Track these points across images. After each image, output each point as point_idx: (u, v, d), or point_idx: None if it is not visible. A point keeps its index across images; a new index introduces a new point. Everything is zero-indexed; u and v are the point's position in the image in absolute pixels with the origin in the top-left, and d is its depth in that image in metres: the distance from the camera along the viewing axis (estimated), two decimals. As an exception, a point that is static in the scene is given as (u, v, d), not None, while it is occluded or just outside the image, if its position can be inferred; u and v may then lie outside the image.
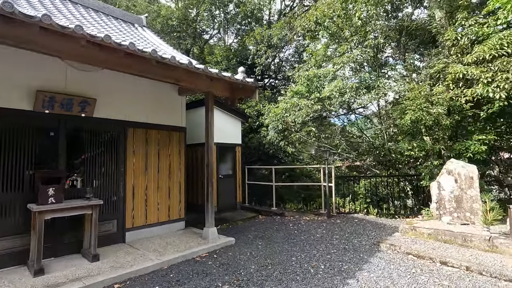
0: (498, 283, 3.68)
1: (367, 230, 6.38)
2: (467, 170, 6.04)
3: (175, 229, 6.33)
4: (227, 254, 5.04)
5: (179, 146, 6.57)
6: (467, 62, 5.87)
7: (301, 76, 8.38)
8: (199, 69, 4.68)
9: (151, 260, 4.50)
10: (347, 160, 9.73)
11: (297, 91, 8.36)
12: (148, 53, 3.95)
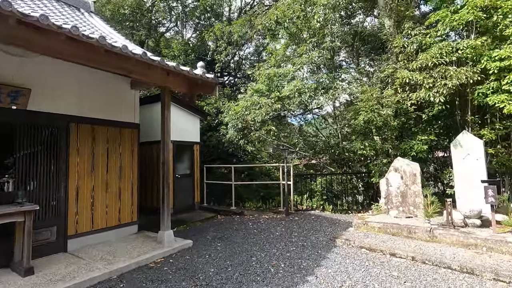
0: (438, 270, 4.04)
1: (324, 226, 6.60)
2: (411, 167, 6.57)
3: (127, 233, 5.86)
4: (184, 257, 4.80)
5: (131, 144, 6.09)
6: (412, 68, 6.40)
7: (261, 74, 8.38)
8: (155, 61, 4.35)
9: (98, 269, 4.08)
10: (305, 158, 10.02)
11: (257, 89, 8.34)
12: (95, 39, 3.54)
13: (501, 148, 6.26)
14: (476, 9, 5.65)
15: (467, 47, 5.73)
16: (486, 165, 5.80)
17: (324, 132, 11.64)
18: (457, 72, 5.73)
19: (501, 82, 5.44)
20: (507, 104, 5.25)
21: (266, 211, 8.56)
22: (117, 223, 5.70)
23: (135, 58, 4.15)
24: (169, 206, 5.49)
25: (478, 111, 6.63)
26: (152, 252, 4.81)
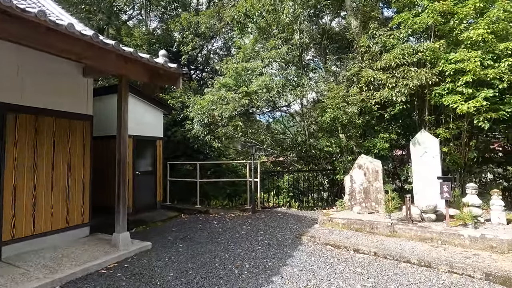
0: (399, 264, 4.13)
1: (290, 224, 6.55)
2: (374, 164, 6.76)
3: (77, 236, 5.30)
4: (141, 261, 4.43)
5: (83, 137, 5.51)
6: (377, 68, 6.56)
7: (229, 68, 8.11)
8: (108, 45, 3.90)
9: (38, 279, 3.58)
10: (272, 155, 9.96)
11: (224, 83, 8.06)
12: (33, 14, 3.04)
13: (454, 146, 6.67)
14: (435, 13, 5.92)
15: (427, 49, 5.99)
16: (441, 163, 6.13)
17: (292, 130, 11.70)
18: (418, 73, 5.97)
19: (455, 83, 5.76)
20: (460, 105, 5.55)
21: (232, 209, 8.35)
22: (65, 226, 5.12)
23: (84, 40, 3.68)
24: (126, 206, 5.05)
25: (434, 111, 7.00)
26: (104, 257, 4.37)
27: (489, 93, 5.30)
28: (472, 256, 4.19)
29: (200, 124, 8.27)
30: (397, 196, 5.84)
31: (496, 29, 5.55)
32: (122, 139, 5.01)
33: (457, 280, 3.65)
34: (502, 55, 5.49)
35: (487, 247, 4.43)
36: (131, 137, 7.83)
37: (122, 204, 4.93)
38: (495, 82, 5.43)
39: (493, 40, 5.48)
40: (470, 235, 4.59)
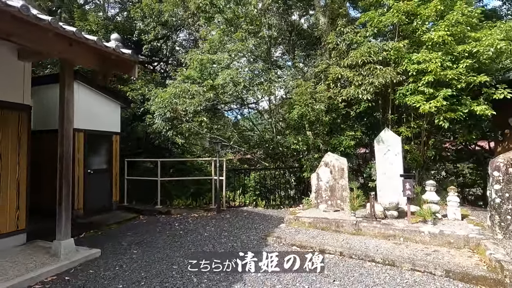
0: (364, 264, 4.07)
1: (256, 223, 6.31)
2: (340, 162, 6.75)
3: (10, 245, 4.57)
4: (87, 272, 3.89)
5: (18, 130, 4.76)
6: (344, 65, 6.54)
7: (193, 59, 7.63)
8: (43, 21, 3.31)
9: None
10: (239, 152, 9.66)
11: (188, 75, 7.57)
12: None
13: (414, 145, 6.87)
14: (400, 13, 6.01)
15: (392, 48, 6.07)
16: (403, 161, 6.28)
17: (260, 128, 11.50)
18: (383, 72, 6.02)
19: (417, 83, 5.89)
20: (422, 104, 5.69)
21: (196, 209, 7.92)
22: (-6, 233, 4.38)
23: (11, 14, 3.06)
24: (69, 208, 4.44)
25: (397, 110, 7.17)
26: (40, 269, 3.76)
27: (447, 92, 5.48)
28: (432, 252, 4.26)
29: (162, 118, 7.70)
30: (362, 194, 5.86)
31: (455, 32, 5.76)
32: (65, 132, 4.38)
33: (420, 278, 3.64)
34: (460, 57, 5.71)
35: (445, 243, 4.54)
36: (82, 131, 7.06)
37: (64, 207, 4.32)
38: (453, 82, 5.63)
39: (452, 42, 5.68)
40: (430, 232, 4.69)
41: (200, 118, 7.46)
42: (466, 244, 4.43)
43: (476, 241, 4.36)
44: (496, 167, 4.57)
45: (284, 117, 7.97)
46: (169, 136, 7.95)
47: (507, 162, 4.50)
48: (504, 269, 3.43)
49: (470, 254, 4.19)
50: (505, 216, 4.48)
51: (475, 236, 4.41)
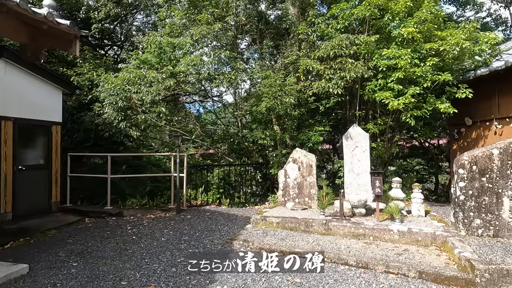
0: (337, 268, 3.81)
1: (220, 225, 5.81)
2: (308, 158, 6.52)
3: None
4: (5, 297, 3.08)
5: None
6: (315, 57, 6.27)
7: (151, 42, 6.78)
8: None
9: None
10: (202, 147, 9.01)
11: (145, 60, 6.71)
12: None
13: (380, 142, 6.89)
14: (372, 6, 5.88)
15: (363, 42, 5.93)
16: (370, 157, 6.23)
17: (224, 122, 10.94)
18: (354, 66, 5.85)
19: (387, 80, 5.83)
20: (391, 101, 5.63)
21: (152, 209, 7.17)
22: None
23: None
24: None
25: (364, 106, 7.13)
26: None
27: (416, 90, 5.48)
28: (403, 252, 4.16)
29: (113, 107, 6.76)
30: (331, 191, 5.67)
31: (422, 29, 5.79)
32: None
33: (395, 281, 3.48)
34: (427, 55, 5.75)
35: (414, 241, 4.50)
36: (10, 119, 5.92)
37: (-24, 215, 3.40)
38: (420, 80, 5.66)
39: (420, 40, 5.70)
40: (399, 230, 4.62)
41: (158, 108, 6.68)
42: (433, 242, 4.42)
43: (443, 238, 4.37)
44: (461, 165, 4.62)
45: (251, 111, 7.52)
46: (121, 128, 7.02)
47: (471, 160, 4.57)
48: (475, 269, 3.38)
49: (438, 252, 4.16)
50: (468, 213, 4.55)
51: (442, 234, 4.42)
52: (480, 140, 6.50)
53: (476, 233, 4.50)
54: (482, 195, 4.50)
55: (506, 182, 4.41)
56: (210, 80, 6.94)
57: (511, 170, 4.40)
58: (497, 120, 6.04)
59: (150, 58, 6.66)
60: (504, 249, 3.93)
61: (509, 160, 4.42)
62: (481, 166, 4.52)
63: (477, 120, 6.52)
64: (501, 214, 4.42)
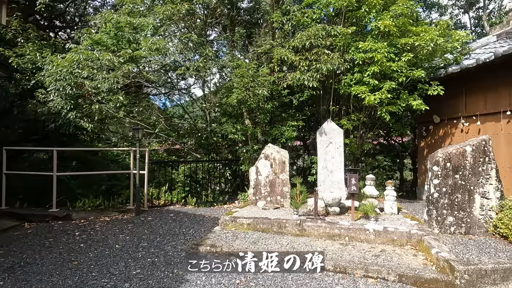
0: (314, 274, 3.49)
1: (184, 227, 5.26)
2: (281, 155, 6.19)
3: None
4: None
5: None
6: (290, 47, 5.90)
7: (107, 19, 5.92)
8: None
9: None
10: (166, 142, 8.29)
11: (99, 40, 5.85)
12: None
13: (353, 138, 6.76)
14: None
15: (340, 33, 5.68)
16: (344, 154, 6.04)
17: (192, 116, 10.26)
18: (331, 58, 5.58)
19: (363, 74, 5.65)
20: (367, 95, 5.46)
21: (108, 211, 6.39)
22: None
23: None
24: None
25: (338, 101, 6.94)
26: None
27: (392, 85, 5.36)
28: (380, 253, 3.96)
29: (60, 94, 5.84)
30: (305, 190, 5.38)
31: (398, 23, 5.68)
32: None
33: (374, 286, 3.24)
34: (402, 50, 5.66)
35: (389, 241, 4.34)
36: None
37: None
38: (394, 75, 5.55)
39: (396, 34, 5.58)
40: (374, 229, 4.44)
41: (114, 96, 5.89)
42: (409, 241, 4.29)
43: (418, 237, 4.25)
44: (436, 162, 4.55)
45: (221, 103, 6.99)
46: (70, 119, 6.11)
47: (445, 156, 4.51)
48: (455, 270, 3.25)
49: (414, 252, 4.02)
50: (442, 210, 4.50)
51: (417, 232, 4.30)
52: (447, 137, 6.63)
53: (449, 231, 4.47)
54: (455, 193, 4.46)
55: (478, 179, 4.40)
56: (175, 68, 6.25)
57: (482, 167, 4.40)
58: (464, 118, 6.17)
59: (105, 38, 5.81)
60: (477, 247, 3.89)
61: (480, 157, 4.41)
62: (454, 163, 4.48)
63: (444, 118, 6.64)
64: (472, 211, 4.41)
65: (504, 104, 5.31)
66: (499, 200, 4.34)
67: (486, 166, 4.38)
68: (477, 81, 5.82)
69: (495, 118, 5.55)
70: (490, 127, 5.65)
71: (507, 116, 5.26)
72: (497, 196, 4.34)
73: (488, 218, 4.36)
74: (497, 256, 3.58)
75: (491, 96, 5.60)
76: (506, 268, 3.31)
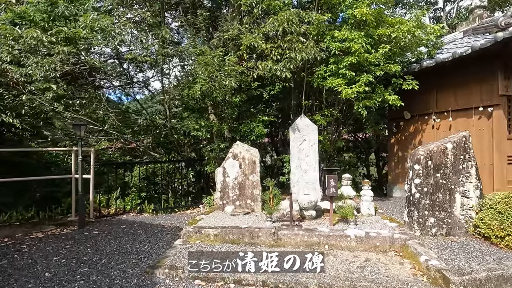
0: (297, 297, 2.94)
1: (138, 242, 4.41)
2: (250, 154, 5.59)
3: None
4: None
5: None
6: (260, 32, 5.28)
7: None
8: None
9: None
10: (118, 141, 7.20)
11: (24, 13, 4.66)
12: None
13: (327, 134, 6.37)
14: (324, -21, 5.18)
15: (315, 19, 5.19)
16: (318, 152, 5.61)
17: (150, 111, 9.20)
18: (305, 46, 5.06)
19: (339, 65, 5.23)
20: (343, 89, 5.05)
21: (43, 225, 5.27)
22: None
23: None
24: None
25: (311, 95, 6.50)
26: None
27: (369, 77, 5.01)
28: (365, 263, 3.55)
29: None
30: (279, 193, 4.84)
31: (374, 13, 5.34)
32: None
33: (366, 308, 2.77)
34: (378, 42, 5.34)
35: (372, 247, 3.98)
36: None
37: None
38: (371, 68, 5.22)
39: (373, 23, 5.24)
40: (356, 235, 4.04)
41: (46, 84, 4.77)
42: (392, 246, 3.96)
43: (401, 241, 3.94)
44: (417, 160, 4.28)
45: (182, 95, 6.15)
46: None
47: (427, 154, 4.25)
48: (450, 282, 2.92)
49: (400, 259, 3.68)
50: (423, 211, 4.25)
51: (400, 237, 3.98)
52: (418, 134, 6.55)
53: (430, 233, 4.23)
54: (436, 192, 4.23)
55: (458, 177, 4.21)
56: (121, 45, 5.21)
57: (463, 165, 4.21)
58: (435, 114, 6.09)
59: (32, 12, 4.64)
60: (463, 251, 3.66)
61: (461, 155, 4.22)
62: (435, 161, 4.24)
63: (415, 114, 6.54)
64: (453, 211, 4.21)
65: (476, 100, 5.26)
66: (479, 199, 4.19)
67: (467, 164, 4.20)
68: (448, 76, 5.75)
69: (466, 114, 5.50)
70: (461, 123, 5.60)
71: (479, 112, 5.21)
72: (477, 195, 4.19)
73: (468, 218, 4.19)
74: (486, 261, 3.35)
75: (463, 93, 5.54)
76: (499, 275, 3.07)
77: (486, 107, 5.04)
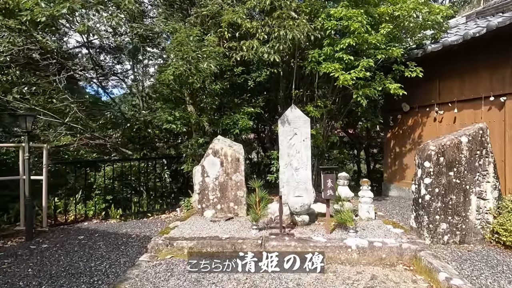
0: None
1: (95, 259, 3.59)
2: (234, 150, 4.85)
3: None
4: None
5: None
6: (245, 8, 4.51)
7: None
8: None
9: None
10: (83, 136, 6.27)
11: None
12: None
13: (320, 128, 5.71)
14: None
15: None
16: (311, 148, 4.94)
17: (124, 105, 8.27)
18: (297, 24, 4.33)
19: (335, 47, 4.55)
20: (340, 74, 4.37)
21: (-20, 237, 4.34)
22: None
23: None
24: None
25: (301, 84, 5.81)
26: None
27: (370, 62, 4.36)
28: (371, 282, 2.90)
29: None
30: (266, 195, 4.13)
31: (373, -11, 4.70)
32: None
33: None
34: (379, 22, 4.69)
35: (377, 260, 3.35)
36: None
37: None
38: (371, 52, 4.57)
39: (374, 1, 4.58)
40: (358, 246, 3.40)
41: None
42: (400, 258, 3.35)
43: (411, 252, 3.34)
44: (427, 156, 3.67)
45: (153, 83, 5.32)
46: None
47: (438, 149, 3.65)
48: (482, 310, 2.30)
49: (412, 275, 3.06)
50: (434, 216, 3.65)
51: (409, 247, 3.37)
52: (418, 127, 6.00)
53: (442, 241, 3.65)
54: (449, 194, 3.64)
55: (474, 176, 3.63)
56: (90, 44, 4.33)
57: (479, 162, 3.63)
58: (438, 105, 5.53)
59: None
60: (486, 264, 3.08)
61: (477, 150, 3.64)
62: (448, 158, 3.64)
63: (415, 106, 5.98)
64: (468, 215, 3.64)
65: (485, 89, 4.71)
66: (497, 200, 3.63)
67: (483, 161, 3.62)
68: (454, 64, 5.19)
69: (473, 105, 4.96)
70: (468, 115, 5.06)
71: (489, 103, 4.67)
72: (494, 196, 3.62)
73: (485, 222, 3.62)
74: (517, 278, 2.78)
75: (470, 81, 4.99)
76: (538, 298, 2.50)
77: (497, 97, 4.51)
